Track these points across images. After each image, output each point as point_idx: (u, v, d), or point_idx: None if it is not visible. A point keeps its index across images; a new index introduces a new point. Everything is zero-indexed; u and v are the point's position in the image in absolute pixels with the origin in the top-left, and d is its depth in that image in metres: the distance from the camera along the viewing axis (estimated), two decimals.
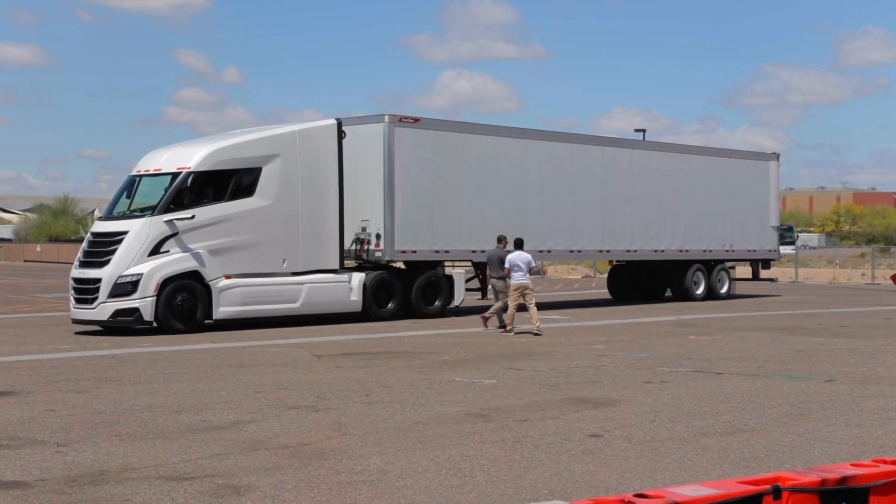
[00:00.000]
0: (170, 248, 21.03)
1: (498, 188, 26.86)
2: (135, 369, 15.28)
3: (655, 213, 30.90)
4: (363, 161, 24.48)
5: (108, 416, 11.10)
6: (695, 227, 31.92)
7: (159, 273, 20.75)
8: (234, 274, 21.81)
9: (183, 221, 21.11)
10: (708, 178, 32.76)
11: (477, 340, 19.84)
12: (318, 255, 23.33)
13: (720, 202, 32.96)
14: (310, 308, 22.95)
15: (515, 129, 28.05)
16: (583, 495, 7.74)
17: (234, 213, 21.95)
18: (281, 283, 22.56)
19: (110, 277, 20.58)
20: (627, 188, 30.33)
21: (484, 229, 25.99)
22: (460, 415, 11.24)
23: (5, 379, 14.17)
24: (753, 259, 35.34)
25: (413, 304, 24.96)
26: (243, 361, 16.27)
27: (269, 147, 22.65)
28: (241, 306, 21.85)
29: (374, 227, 24.53)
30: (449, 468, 8.64)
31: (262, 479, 8.23)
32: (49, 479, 8.26)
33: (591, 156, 29.49)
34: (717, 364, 15.95)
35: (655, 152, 31.84)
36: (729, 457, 9.19)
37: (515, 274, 20.84)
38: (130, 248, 20.78)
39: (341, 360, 16.44)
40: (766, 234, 34.97)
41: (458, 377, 14.34)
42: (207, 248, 21.40)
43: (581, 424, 10.67)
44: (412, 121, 25.07)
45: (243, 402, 12.12)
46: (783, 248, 79.82)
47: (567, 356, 16.96)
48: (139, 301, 20.55)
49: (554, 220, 28.16)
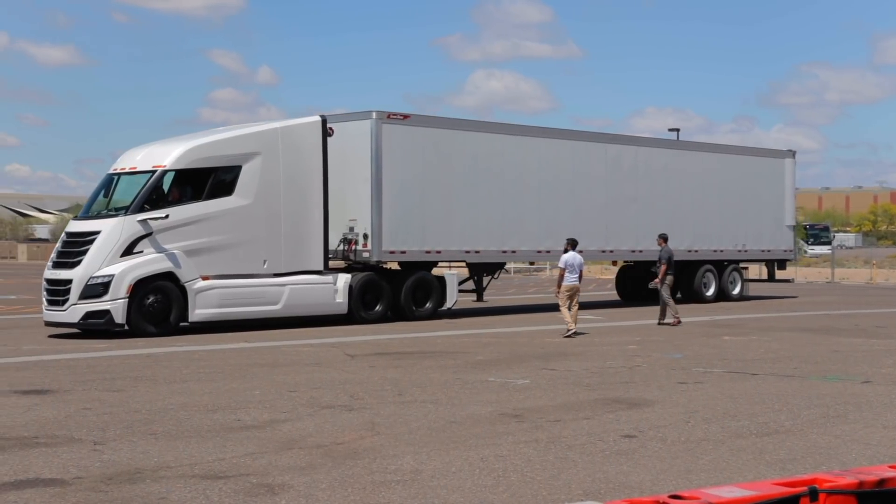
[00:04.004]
0: (143, 249, 20.33)
1: (493, 186, 26.07)
2: (170, 368, 15.38)
3: (662, 213, 29.86)
4: (351, 159, 23.83)
5: (144, 415, 11.18)
6: (705, 227, 31.05)
7: (131, 274, 20.04)
8: (212, 275, 21.07)
9: (157, 221, 20.41)
10: (719, 176, 31.88)
11: (510, 340, 19.81)
12: (301, 256, 22.58)
13: (732, 201, 32.04)
14: (292, 310, 22.22)
15: (512, 126, 27.23)
16: (617, 496, 7.71)
17: (212, 213, 21.23)
18: (261, 284, 21.84)
19: (81, 279, 19.89)
20: (633, 187, 29.49)
21: (478, 229, 25.54)
22: (493, 415, 11.23)
23: (42, 377, 14.32)
24: (768, 259, 34.36)
25: (402, 305, 24.22)
26: (277, 361, 16.34)
27: (250, 145, 21.95)
28: (219, 308, 21.10)
29: (361, 227, 23.81)
30: (482, 468, 8.63)
31: (296, 479, 8.25)
32: (86, 477, 8.33)
33: (594, 153, 28.64)
34: (752, 365, 15.83)
35: (663, 150, 31.01)
36: (765, 458, 9.12)
37: (570, 276, 20.64)
38: (102, 248, 20.09)
39: (374, 360, 16.47)
40: (782, 233, 33.90)
41: (492, 377, 14.33)
42: (183, 248, 20.69)
43: (615, 425, 10.62)
44: (401, 117, 24.23)
45: (277, 401, 12.17)
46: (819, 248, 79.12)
47: (601, 356, 16.90)
48: (110, 303, 19.85)
49: (553, 219, 27.17)
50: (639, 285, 32.33)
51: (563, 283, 20.62)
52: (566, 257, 20.72)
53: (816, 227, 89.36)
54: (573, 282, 20.64)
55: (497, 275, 27.75)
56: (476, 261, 26.25)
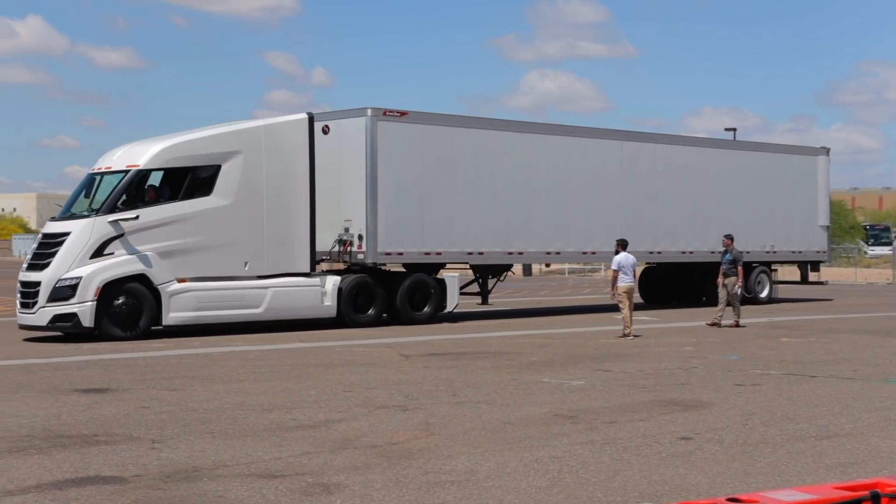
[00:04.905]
0: (115, 251, 19.78)
1: (498, 185, 25.16)
2: (226, 368, 15.53)
3: (683, 213, 28.90)
4: (346, 157, 23.19)
5: (201, 414, 11.30)
6: (729, 227, 28.68)
7: (100, 276, 19.47)
8: (189, 277, 20.46)
9: (129, 222, 19.85)
10: (745, 174, 30.66)
11: (564, 341, 19.74)
12: (285, 258, 21.89)
13: (759, 200, 30.86)
14: (275, 314, 21.54)
15: (518, 123, 26.48)
16: (673, 499, 7.64)
17: (189, 213, 20.58)
18: (241, 287, 21.16)
19: (49, 281, 19.43)
20: (651, 185, 28.40)
21: (482, 230, 24.75)
22: (548, 416, 11.19)
23: (102, 376, 14.54)
24: (800, 261, 32.99)
25: (398, 309, 23.44)
26: (332, 361, 16.42)
27: (230, 144, 21.25)
28: (195, 311, 20.40)
29: (357, 228, 23.00)
30: (537, 469, 8.60)
31: (351, 478, 8.29)
32: (145, 474, 8.44)
33: (608, 151, 27.57)
34: (811, 367, 15.62)
35: (684, 147, 29.74)
36: (824, 462, 8.99)
37: (624, 277, 20.44)
38: (71, 249, 19.60)
39: (429, 360, 16.50)
40: (814, 233, 32.55)
41: (546, 378, 14.28)
42: (158, 249, 20.09)
43: (671, 427, 10.53)
44: (398, 114, 23.39)
45: (332, 401, 12.24)
46: (879, 248, 77.70)
47: (656, 357, 16.78)
48: (78, 306, 19.32)
49: (564, 219, 26.40)
50: (662, 287, 31.74)
51: (619, 284, 20.48)
52: (619, 258, 20.58)
53: (877, 228, 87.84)
54: (629, 282, 20.50)
55: (503, 277, 26.84)
56: (480, 263, 25.40)
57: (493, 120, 26.12)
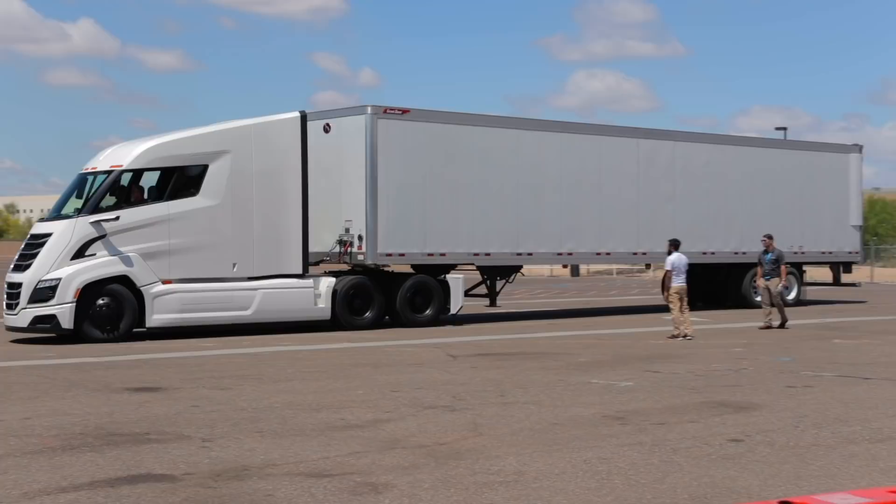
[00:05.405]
0: (97, 252, 19.56)
1: (506, 185, 24.52)
2: (275, 367, 15.64)
3: (704, 212, 28.02)
4: (346, 156, 22.79)
5: (250, 413, 11.38)
6: (754, 227, 27.51)
7: (80, 278, 19.27)
8: (175, 279, 20.19)
9: (111, 223, 19.64)
10: (771, 172, 29.68)
11: (612, 342, 19.64)
12: (276, 259, 21.47)
13: (786, 199, 29.90)
14: (265, 315, 21.15)
15: (527, 121, 25.92)
16: (724, 501, 7.57)
17: (175, 214, 20.28)
18: (228, 288, 20.80)
19: (30, 282, 19.31)
20: (669, 184, 27.57)
21: (489, 230, 24.16)
22: (597, 417, 11.14)
23: (153, 375, 14.70)
24: (831, 262, 31.80)
25: (398, 310, 22.87)
26: (380, 361, 16.47)
27: (217, 143, 20.92)
28: (180, 314, 20.12)
29: (357, 228, 22.53)
30: (586, 471, 8.56)
31: (399, 478, 8.30)
32: (195, 473, 8.51)
33: (623, 149, 26.75)
34: (864, 369, 15.40)
35: (704, 145, 28.67)
36: (878, 465, 8.85)
37: (677, 278, 20.27)
38: (52, 250, 19.43)
39: (476, 361, 16.49)
40: (846, 234, 31.44)
41: (594, 379, 14.21)
42: (141, 250, 19.84)
43: (721, 429, 10.44)
44: (399, 112, 22.93)
45: (380, 401, 12.27)
46: None
47: (705, 359, 16.63)
48: (57, 308, 19.14)
49: (576, 219, 25.70)
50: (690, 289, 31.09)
51: (672, 284, 20.33)
52: (672, 259, 20.41)
53: None
54: (682, 283, 20.34)
55: (512, 278, 26.23)
56: (487, 264, 24.75)
57: (499, 117, 25.47)
